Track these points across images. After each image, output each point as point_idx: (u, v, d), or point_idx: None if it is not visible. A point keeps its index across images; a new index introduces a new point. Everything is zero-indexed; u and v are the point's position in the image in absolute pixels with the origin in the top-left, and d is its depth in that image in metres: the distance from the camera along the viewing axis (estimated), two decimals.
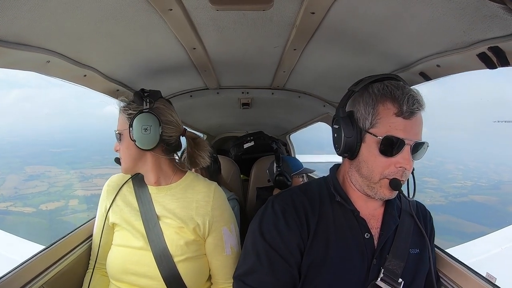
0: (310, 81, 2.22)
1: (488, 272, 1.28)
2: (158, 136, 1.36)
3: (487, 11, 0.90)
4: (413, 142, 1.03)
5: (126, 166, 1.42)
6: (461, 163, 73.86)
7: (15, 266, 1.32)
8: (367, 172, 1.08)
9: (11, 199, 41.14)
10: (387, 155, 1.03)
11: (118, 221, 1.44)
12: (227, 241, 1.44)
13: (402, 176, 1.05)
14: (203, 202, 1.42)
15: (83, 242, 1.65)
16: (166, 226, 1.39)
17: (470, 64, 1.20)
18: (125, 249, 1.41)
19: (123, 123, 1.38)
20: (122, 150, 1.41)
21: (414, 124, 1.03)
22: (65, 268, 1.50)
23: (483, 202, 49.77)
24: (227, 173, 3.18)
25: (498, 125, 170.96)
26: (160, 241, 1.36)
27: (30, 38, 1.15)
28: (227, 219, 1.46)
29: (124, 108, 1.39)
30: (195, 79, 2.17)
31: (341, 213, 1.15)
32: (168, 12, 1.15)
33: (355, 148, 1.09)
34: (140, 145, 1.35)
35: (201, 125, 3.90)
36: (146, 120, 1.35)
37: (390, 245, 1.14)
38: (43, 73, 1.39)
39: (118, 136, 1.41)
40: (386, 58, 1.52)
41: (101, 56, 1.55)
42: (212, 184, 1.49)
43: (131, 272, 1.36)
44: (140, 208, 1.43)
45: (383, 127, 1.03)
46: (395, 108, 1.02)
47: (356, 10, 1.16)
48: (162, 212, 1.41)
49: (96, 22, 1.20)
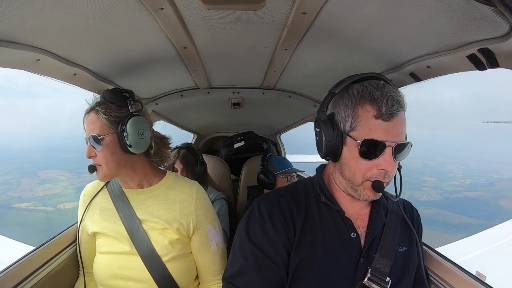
0: (300, 81, 2.23)
1: (478, 270, 1.30)
2: (149, 139, 1.36)
3: (477, 13, 0.91)
4: (395, 144, 1.01)
5: (108, 172, 1.34)
6: (462, 163, 75.59)
7: (2, 268, 1.29)
8: (349, 175, 1.08)
9: (30, 200, 43.07)
10: (369, 158, 1.03)
11: (99, 229, 1.42)
12: (212, 238, 1.45)
13: (384, 178, 1.05)
14: (186, 203, 1.41)
15: (71, 244, 1.62)
16: (150, 228, 1.38)
17: (460, 65, 1.21)
18: (111, 255, 1.39)
19: (102, 126, 1.30)
20: (104, 156, 1.31)
21: (394, 125, 1.02)
22: (54, 269, 1.48)
23: (476, 197, 51.28)
24: (217, 173, 3.18)
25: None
26: (147, 244, 1.35)
27: (19, 36, 1.13)
28: (211, 217, 1.47)
29: (103, 110, 1.31)
30: (185, 78, 2.16)
31: (327, 213, 1.15)
32: (159, 11, 1.14)
33: (337, 151, 1.08)
34: (135, 150, 1.31)
35: (191, 125, 3.88)
36: (141, 124, 1.32)
37: (377, 244, 1.15)
38: (33, 71, 1.36)
39: (97, 141, 1.29)
40: (376, 58, 1.53)
41: (91, 55, 1.52)
42: (194, 184, 1.49)
43: (119, 277, 1.35)
44: (119, 213, 1.41)
45: (363, 130, 1.02)
46: (374, 111, 1.01)
47: (348, 11, 1.16)
48: (145, 214, 1.40)
49: (86, 20, 1.18)
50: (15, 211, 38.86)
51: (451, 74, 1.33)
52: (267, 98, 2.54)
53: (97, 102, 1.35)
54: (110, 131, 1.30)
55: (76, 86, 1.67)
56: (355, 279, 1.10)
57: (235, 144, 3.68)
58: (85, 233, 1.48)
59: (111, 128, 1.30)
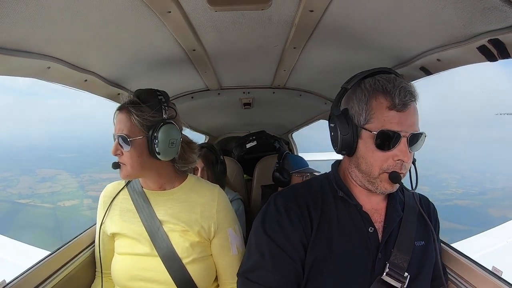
0: (310, 79, 2.22)
1: (494, 265, 1.28)
2: (178, 148, 1.35)
3: (486, 3, 0.90)
4: (409, 134, 1.02)
5: (132, 172, 1.32)
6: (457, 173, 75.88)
7: (20, 272, 1.31)
8: (366, 168, 1.09)
9: (29, 197, 44.36)
10: (384, 149, 1.03)
11: (118, 230, 1.42)
12: (233, 241, 1.44)
13: (401, 169, 1.05)
14: (207, 206, 1.40)
15: (88, 246, 1.65)
16: (170, 229, 1.37)
17: (471, 57, 1.19)
18: (130, 256, 1.39)
19: (133, 127, 1.28)
20: (130, 157, 1.29)
21: (408, 115, 1.03)
22: (70, 273, 1.50)
23: (465, 205, 52.42)
24: (230, 173, 3.18)
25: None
26: (167, 245, 1.35)
27: (30, 44, 1.15)
28: (231, 220, 1.46)
29: (136, 111, 1.28)
30: (196, 80, 2.18)
31: (344, 208, 1.15)
32: (166, 14, 1.15)
33: (352, 145, 1.09)
34: (163, 157, 1.29)
35: (202, 126, 3.90)
36: (173, 133, 1.30)
37: (394, 239, 1.14)
38: (44, 79, 1.38)
39: (126, 141, 1.27)
40: (386, 54, 1.52)
41: (101, 61, 1.55)
42: (215, 187, 1.48)
43: (139, 278, 1.35)
44: (140, 214, 1.40)
45: (377, 121, 1.03)
46: (388, 102, 1.02)
47: (355, 6, 1.16)
48: (165, 216, 1.39)
49: (95, 27, 1.20)
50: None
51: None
52: (277, 97, 2.54)
53: (130, 101, 1.33)
54: (141, 134, 1.28)
55: (88, 92, 1.70)
56: (373, 274, 1.10)
57: (247, 144, 3.69)
58: (105, 234, 1.48)
59: (142, 131, 1.28)
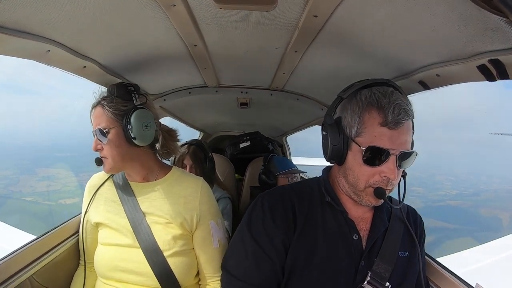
0: (309, 83, 2.22)
1: (478, 283, 1.29)
2: (154, 132, 1.38)
3: (489, 23, 0.91)
4: (399, 152, 1.02)
5: (114, 165, 1.36)
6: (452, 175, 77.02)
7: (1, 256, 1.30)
8: (352, 180, 1.09)
9: (31, 195, 44.38)
10: (372, 165, 1.03)
11: (102, 220, 1.44)
12: (215, 234, 1.45)
13: (387, 185, 1.05)
14: (190, 197, 1.42)
15: (73, 234, 1.64)
16: (153, 221, 1.39)
17: (470, 75, 1.20)
18: (112, 247, 1.41)
19: (108, 119, 1.33)
20: (110, 149, 1.34)
21: (400, 134, 1.02)
22: (54, 260, 1.49)
23: (456, 205, 53.94)
24: (222, 172, 3.18)
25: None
26: (149, 237, 1.37)
27: (31, 26, 1.14)
28: (214, 213, 1.48)
29: (109, 104, 1.34)
30: (194, 76, 2.16)
31: (330, 213, 1.16)
32: (171, 7, 1.14)
33: (341, 155, 1.09)
34: (140, 142, 1.34)
35: (198, 123, 3.89)
36: (145, 117, 1.35)
37: (378, 248, 1.15)
38: (43, 62, 1.37)
39: (103, 134, 1.33)
40: (386, 64, 1.52)
41: (101, 48, 1.53)
42: (199, 180, 1.50)
43: (120, 269, 1.36)
44: (124, 206, 1.43)
45: (368, 136, 1.03)
46: (380, 118, 1.01)
47: (359, 16, 1.16)
48: (149, 208, 1.41)
49: (98, 13, 1.19)
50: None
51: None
52: (275, 99, 2.54)
53: (103, 97, 1.38)
54: (115, 124, 1.33)
55: (85, 78, 1.68)
56: (355, 281, 1.10)
57: (240, 144, 3.68)
58: (89, 223, 1.50)
59: (116, 121, 1.34)
